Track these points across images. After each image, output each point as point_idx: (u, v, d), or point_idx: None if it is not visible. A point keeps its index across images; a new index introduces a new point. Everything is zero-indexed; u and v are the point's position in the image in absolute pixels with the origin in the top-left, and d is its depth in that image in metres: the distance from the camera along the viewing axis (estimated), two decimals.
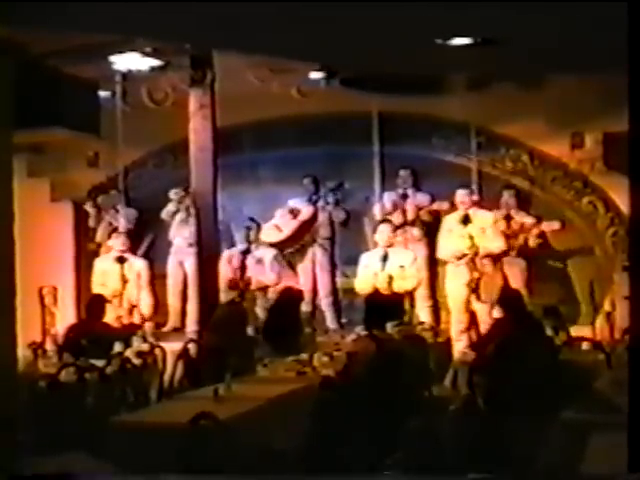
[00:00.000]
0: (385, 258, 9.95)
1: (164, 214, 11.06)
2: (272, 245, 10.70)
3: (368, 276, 9.94)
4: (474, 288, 9.78)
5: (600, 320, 9.92)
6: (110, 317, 9.82)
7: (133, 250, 10.90)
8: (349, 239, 10.83)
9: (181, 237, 10.90)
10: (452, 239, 9.97)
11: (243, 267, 10.32)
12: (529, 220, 10.30)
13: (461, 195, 10.10)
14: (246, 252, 10.48)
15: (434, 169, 10.63)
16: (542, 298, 9.81)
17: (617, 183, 10.03)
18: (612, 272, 10.18)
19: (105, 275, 10.58)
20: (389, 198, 10.72)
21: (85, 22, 6.94)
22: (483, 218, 10.02)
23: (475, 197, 10.15)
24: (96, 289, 10.43)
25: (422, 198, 10.65)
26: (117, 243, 10.72)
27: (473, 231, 9.91)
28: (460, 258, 9.81)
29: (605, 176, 10.29)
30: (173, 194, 10.96)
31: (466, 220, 9.95)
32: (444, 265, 10.16)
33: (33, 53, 7.94)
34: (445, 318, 10.50)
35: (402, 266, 9.91)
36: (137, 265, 10.65)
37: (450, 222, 10.10)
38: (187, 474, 5.08)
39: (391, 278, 9.79)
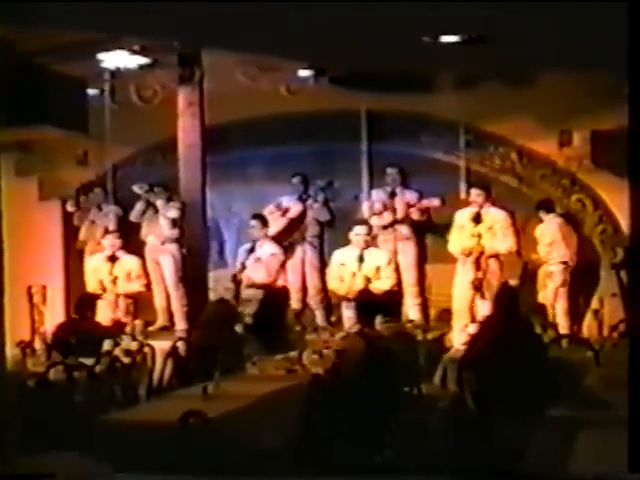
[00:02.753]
0: (361, 259, 9.93)
1: (133, 217, 10.98)
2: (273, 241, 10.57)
3: (345, 275, 9.93)
4: (477, 287, 9.75)
5: (588, 317, 9.94)
6: (99, 315, 9.80)
7: (123, 248, 10.83)
8: (339, 237, 10.84)
9: (154, 235, 10.83)
10: (462, 236, 9.90)
11: (244, 266, 10.21)
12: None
13: (475, 194, 10.01)
14: (251, 251, 10.28)
15: (423, 167, 10.64)
16: (530, 296, 9.84)
17: (605, 181, 10.07)
18: (600, 270, 10.21)
19: (96, 273, 10.54)
20: (377, 196, 10.72)
21: (73, 20, 6.93)
22: (495, 217, 9.89)
23: (486, 196, 9.98)
24: (88, 287, 10.39)
25: (410, 196, 10.65)
26: (107, 242, 10.67)
27: (482, 230, 9.84)
28: (468, 255, 9.78)
29: (593, 174, 10.32)
30: (137, 188, 10.91)
31: (477, 219, 9.88)
32: (454, 261, 10.08)
33: (21, 51, 7.92)
34: (434, 316, 10.53)
35: (378, 267, 9.90)
36: (128, 263, 10.58)
37: (462, 218, 9.98)
38: (176, 472, 5.07)
39: (368, 280, 9.79)
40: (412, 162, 10.66)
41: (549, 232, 10.10)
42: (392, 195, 10.67)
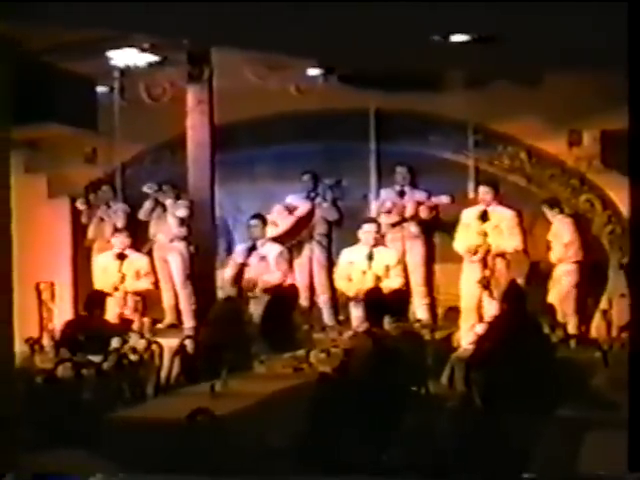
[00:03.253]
0: (370, 257, 9.93)
1: (142, 215, 10.98)
2: (275, 240, 10.60)
3: (354, 274, 9.93)
4: (485, 286, 9.73)
5: (596, 318, 9.92)
6: (108, 313, 9.82)
7: (132, 246, 10.83)
8: (347, 236, 10.83)
9: (162, 233, 10.84)
10: (469, 234, 9.88)
11: (246, 265, 10.20)
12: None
13: (483, 192, 9.98)
14: (252, 249, 10.29)
15: (432, 166, 10.63)
16: (539, 296, 9.82)
17: (614, 181, 10.04)
18: (609, 270, 10.19)
19: (105, 271, 10.55)
20: (386, 195, 10.71)
21: (83, 18, 6.94)
22: (502, 215, 9.84)
23: (493, 194, 9.96)
24: (97, 285, 10.41)
25: (419, 195, 10.64)
26: (117, 240, 10.67)
27: (489, 229, 9.81)
28: (474, 253, 9.75)
29: (602, 174, 10.30)
30: (147, 188, 10.92)
31: (484, 217, 9.85)
32: (462, 260, 10.01)
33: (30, 49, 7.93)
34: (442, 315, 10.51)
35: (387, 265, 9.89)
36: (137, 262, 10.59)
37: (468, 216, 9.95)
38: (183, 470, 5.08)
39: (378, 278, 9.79)
40: (421, 161, 10.65)
41: (565, 231, 10.07)
42: (401, 194, 10.66)
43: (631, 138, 4.20)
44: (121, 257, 10.49)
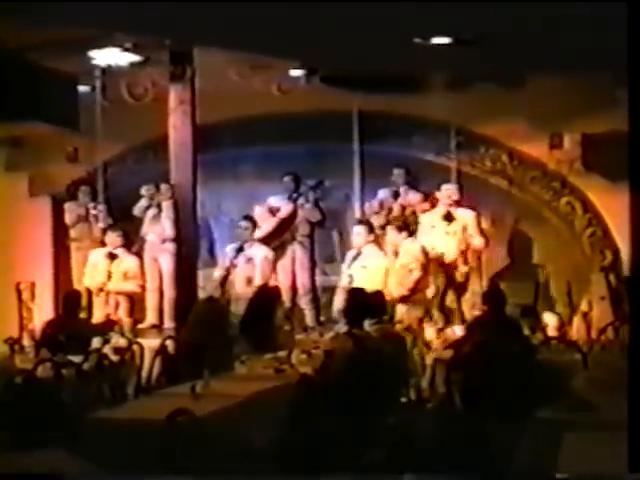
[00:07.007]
0: (355, 258, 9.93)
1: (136, 211, 10.90)
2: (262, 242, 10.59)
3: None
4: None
5: (577, 320, 9.97)
6: (95, 313, 9.81)
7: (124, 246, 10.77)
8: (329, 237, 10.84)
9: (154, 233, 10.78)
10: (437, 236, 9.93)
11: (234, 266, 10.20)
12: None
13: (444, 193, 10.06)
14: (239, 250, 10.28)
15: (414, 168, 10.64)
16: (519, 298, 9.86)
17: (595, 184, 10.11)
18: (589, 272, 10.24)
19: (95, 269, 10.49)
20: (381, 196, 10.61)
21: (65, 17, 6.93)
22: (465, 216, 9.99)
23: (456, 195, 10.07)
24: (85, 282, 10.35)
25: (413, 196, 10.57)
26: (109, 238, 10.61)
27: (458, 228, 9.90)
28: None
29: (583, 177, 10.35)
30: (144, 190, 10.88)
31: (449, 217, 9.90)
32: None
33: (13, 47, 7.91)
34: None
35: (365, 267, 9.86)
36: (126, 263, 10.53)
37: (431, 219, 10.02)
38: (163, 471, 5.07)
39: (351, 278, 9.76)
40: (403, 163, 10.66)
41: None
42: (395, 195, 10.56)
43: (632, 141, 4.16)
44: (112, 256, 10.41)
